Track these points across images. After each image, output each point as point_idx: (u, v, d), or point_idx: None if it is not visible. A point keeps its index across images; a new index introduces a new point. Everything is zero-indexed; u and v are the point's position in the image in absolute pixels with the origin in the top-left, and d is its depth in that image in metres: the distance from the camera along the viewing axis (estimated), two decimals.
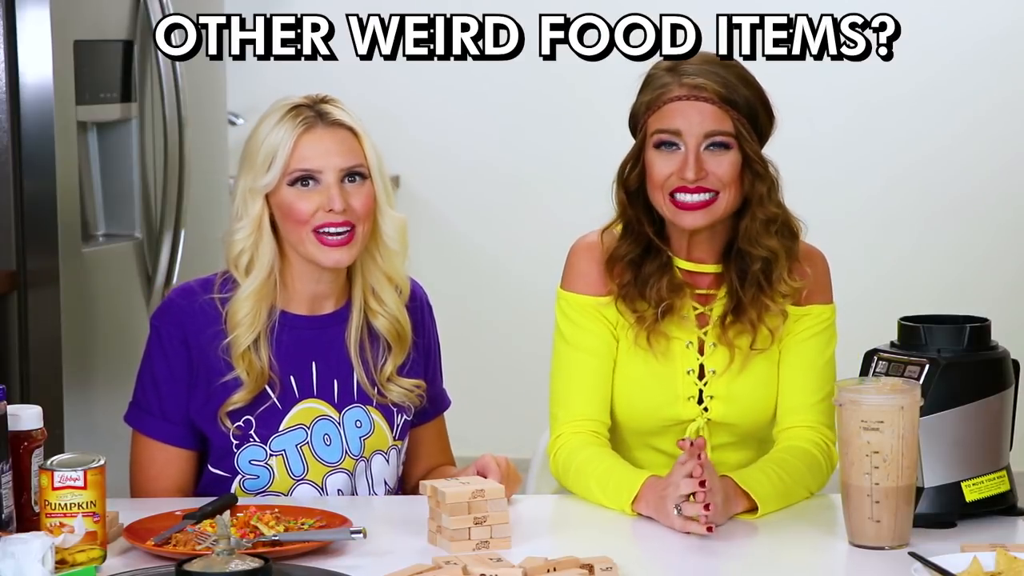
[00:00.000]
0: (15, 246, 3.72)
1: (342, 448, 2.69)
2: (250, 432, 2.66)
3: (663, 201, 2.70)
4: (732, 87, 2.69)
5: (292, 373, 2.69)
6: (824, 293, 2.79)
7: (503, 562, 2.18)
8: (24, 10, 3.70)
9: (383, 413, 2.72)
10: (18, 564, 2.11)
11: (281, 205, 2.65)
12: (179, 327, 2.68)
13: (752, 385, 2.74)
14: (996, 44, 5.41)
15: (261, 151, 2.65)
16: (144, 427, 2.70)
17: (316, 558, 2.30)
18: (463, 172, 5.69)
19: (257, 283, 2.66)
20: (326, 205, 2.62)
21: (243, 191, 2.67)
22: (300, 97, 2.70)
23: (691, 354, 2.75)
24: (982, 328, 2.48)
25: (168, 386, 2.68)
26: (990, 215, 5.48)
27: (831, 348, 2.79)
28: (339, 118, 2.68)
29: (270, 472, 2.67)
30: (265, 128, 2.66)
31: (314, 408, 2.69)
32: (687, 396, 2.74)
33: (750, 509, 2.55)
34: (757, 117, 2.71)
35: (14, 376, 3.72)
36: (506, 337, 5.65)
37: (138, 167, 4.10)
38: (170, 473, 2.69)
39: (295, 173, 2.64)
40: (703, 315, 2.76)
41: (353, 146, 2.67)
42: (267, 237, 2.67)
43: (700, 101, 2.67)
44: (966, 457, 2.44)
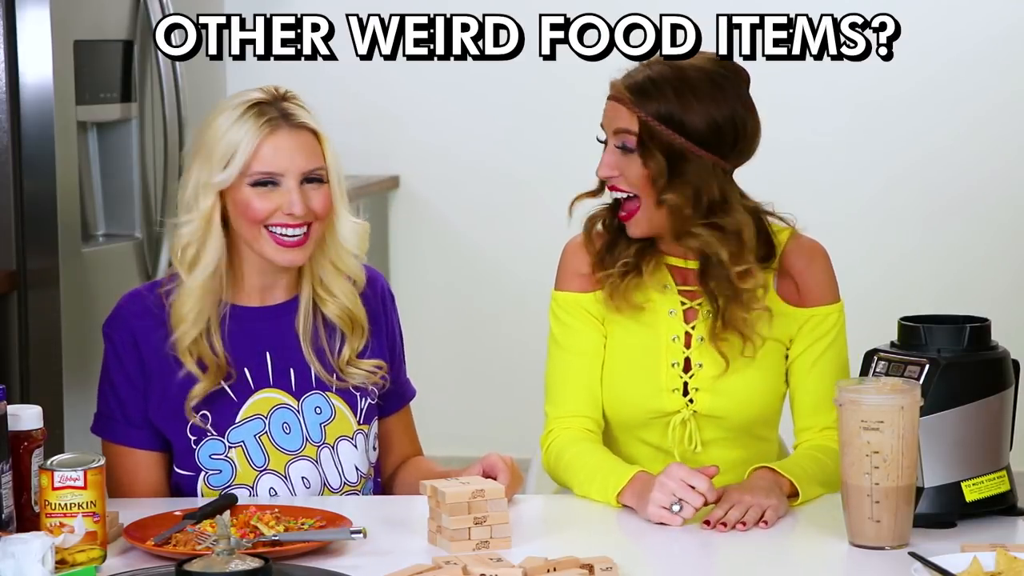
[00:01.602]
0: (15, 246, 3.72)
1: (302, 436, 2.68)
2: (207, 426, 2.66)
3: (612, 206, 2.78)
4: (652, 85, 2.68)
5: (246, 365, 2.68)
6: (829, 291, 2.78)
7: (503, 562, 2.18)
8: (24, 10, 3.70)
9: (344, 398, 2.71)
10: (18, 564, 2.11)
11: (238, 203, 2.62)
12: (128, 332, 2.67)
13: (740, 378, 2.74)
14: (996, 44, 5.41)
15: (219, 146, 2.61)
16: (108, 434, 2.70)
17: (316, 558, 2.30)
18: (463, 172, 5.69)
19: (202, 278, 2.64)
20: (286, 208, 2.60)
21: (196, 184, 2.64)
22: (259, 92, 2.65)
23: (676, 347, 2.75)
24: (982, 328, 2.47)
25: (126, 390, 2.68)
26: (990, 215, 5.48)
27: (843, 346, 2.79)
28: (304, 120, 2.64)
29: (231, 465, 2.66)
30: (224, 122, 2.62)
31: (271, 397, 2.68)
32: (671, 388, 2.74)
33: (791, 495, 2.57)
34: (682, 119, 2.66)
35: (14, 376, 3.72)
36: (506, 337, 5.65)
37: (138, 167, 4.10)
38: (140, 478, 2.68)
39: (256, 176, 2.61)
40: (692, 310, 2.76)
41: (315, 149, 2.65)
42: (216, 232, 2.64)
43: (612, 100, 2.73)
44: (966, 457, 2.44)
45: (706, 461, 2.70)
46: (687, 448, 2.74)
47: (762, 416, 2.77)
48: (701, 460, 2.72)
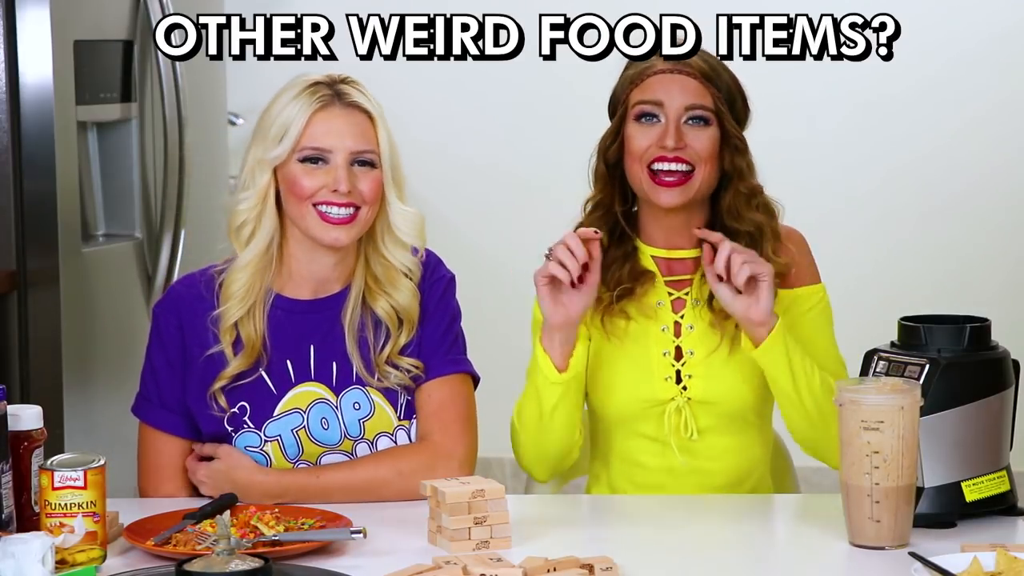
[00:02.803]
0: (15, 246, 3.72)
1: (340, 431, 2.68)
2: (244, 418, 2.66)
3: (641, 174, 2.73)
4: (714, 67, 2.76)
5: (289, 357, 2.68)
6: (810, 273, 2.82)
7: (503, 562, 2.18)
8: (24, 10, 3.70)
9: (384, 394, 2.70)
10: (18, 564, 2.11)
11: (287, 179, 2.64)
12: (175, 313, 2.69)
13: (734, 363, 2.75)
14: (996, 44, 5.40)
15: (275, 124, 2.64)
16: (145, 416, 2.72)
17: (316, 558, 2.30)
18: (463, 172, 5.69)
19: (255, 254, 2.66)
20: (331, 185, 2.61)
21: (252, 161, 2.67)
22: (321, 75, 2.68)
23: (667, 337, 2.76)
24: (982, 328, 2.48)
25: (165, 374, 2.69)
26: (990, 214, 5.47)
27: (829, 325, 2.82)
28: (356, 100, 2.66)
29: (267, 459, 2.66)
30: (282, 101, 2.66)
31: (311, 392, 2.68)
32: (664, 376, 2.75)
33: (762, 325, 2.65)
34: (735, 103, 2.77)
35: (14, 376, 3.72)
36: (506, 337, 5.63)
37: (138, 167, 4.10)
38: (170, 462, 2.69)
39: (305, 151, 2.63)
40: (680, 300, 2.78)
41: (367, 130, 2.66)
42: (270, 210, 2.66)
43: (682, 75, 2.73)
44: (966, 457, 2.44)
45: (702, 448, 2.73)
46: (683, 436, 2.75)
47: (755, 400, 2.77)
48: (697, 448, 2.74)
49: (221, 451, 2.64)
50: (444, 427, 2.67)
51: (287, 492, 2.60)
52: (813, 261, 2.83)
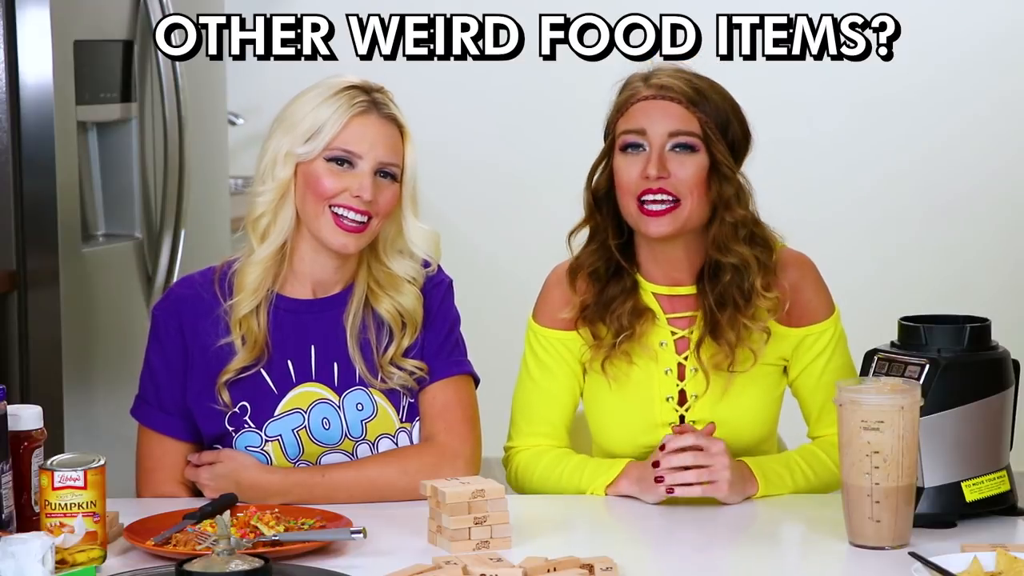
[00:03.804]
0: (15, 246, 3.72)
1: (342, 431, 2.68)
2: (245, 418, 2.66)
3: (632, 208, 2.65)
4: (701, 91, 2.64)
5: (290, 357, 2.68)
6: (821, 307, 2.73)
7: (503, 562, 2.18)
8: (24, 10, 3.69)
9: (386, 395, 2.70)
10: (18, 564, 2.11)
11: (309, 176, 2.64)
12: (175, 315, 2.68)
13: (738, 408, 2.71)
14: (996, 44, 5.41)
15: (306, 120, 2.63)
16: (143, 418, 2.71)
17: (316, 558, 2.30)
18: (463, 172, 5.69)
19: (271, 250, 2.66)
20: (355, 191, 2.61)
21: (276, 153, 2.65)
22: (356, 78, 2.68)
23: (670, 380, 2.72)
24: (982, 328, 2.47)
25: (163, 376, 2.69)
26: (990, 214, 5.47)
27: (845, 353, 2.75)
28: (393, 112, 2.68)
29: (267, 458, 2.66)
30: (313, 98, 2.65)
31: (312, 392, 2.68)
32: (667, 422, 2.70)
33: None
34: (728, 126, 2.65)
35: (14, 376, 3.71)
36: (505, 338, 5.63)
37: (138, 167, 4.09)
38: (167, 464, 2.69)
39: (336, 151, 2.63)
40: (684, 339, 2.72)
41: (396, 144, 2.67)
42: (289, 205, 2.66)
43: (666, 100, 2.63)
44: (966, 457, 2.44)
45: None
46: None
47: (758, 438, 2.75)
48: None
49: (223, 455, 2.64)
50: (449, 428, 2.68)
51: (293, 491, 2.60)
52: (823, 288, 2.74)
